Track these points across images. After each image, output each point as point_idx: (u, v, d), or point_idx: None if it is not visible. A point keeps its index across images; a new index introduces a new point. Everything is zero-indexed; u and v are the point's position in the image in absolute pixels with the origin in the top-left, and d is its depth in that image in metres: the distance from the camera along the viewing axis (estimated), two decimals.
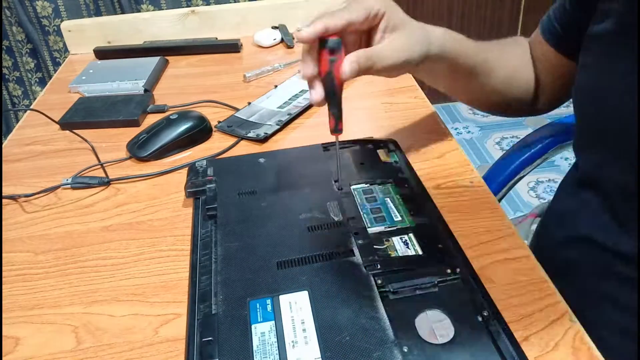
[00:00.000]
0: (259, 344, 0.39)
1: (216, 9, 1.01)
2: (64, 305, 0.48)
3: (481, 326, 0.40)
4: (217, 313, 0.42)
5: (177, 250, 0.53)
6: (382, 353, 0.38)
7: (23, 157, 0.70)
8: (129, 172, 0.65)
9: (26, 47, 1.41)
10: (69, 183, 0.63)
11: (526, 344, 0.40)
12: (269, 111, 0.75)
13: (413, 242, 0.48)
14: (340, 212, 0.52)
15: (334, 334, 0.39)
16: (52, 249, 0.54)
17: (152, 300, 0.47)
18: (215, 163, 0.62)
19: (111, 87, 0.85)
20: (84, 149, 0.71)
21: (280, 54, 0.96)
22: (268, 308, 0.42)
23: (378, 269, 0.45)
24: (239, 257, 0.47)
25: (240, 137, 0.70)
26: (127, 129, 0.74)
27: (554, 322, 0.42)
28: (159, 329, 0.45)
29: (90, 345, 0.44)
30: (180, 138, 0.68)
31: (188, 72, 0.92)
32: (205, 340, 0.40)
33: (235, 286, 0.44)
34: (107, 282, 0.50)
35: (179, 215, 0.58)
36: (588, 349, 0.40)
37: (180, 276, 0.50)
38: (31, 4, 1.30)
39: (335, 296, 0.43)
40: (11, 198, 0.62)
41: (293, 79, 0.84)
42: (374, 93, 0.55)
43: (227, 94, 0.82)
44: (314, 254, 0.47)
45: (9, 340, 0.45)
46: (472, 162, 0.61)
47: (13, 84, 1.48)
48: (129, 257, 0.52)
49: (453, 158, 0.63)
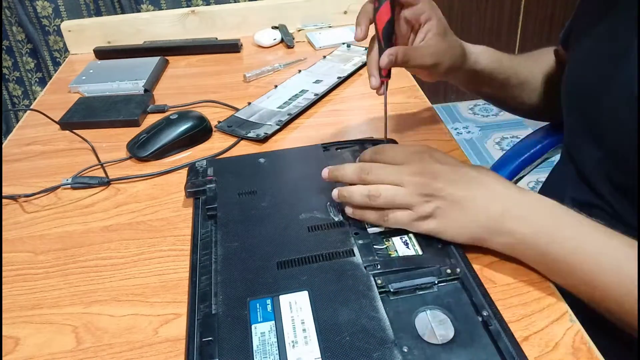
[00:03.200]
0: (259, 344, 0.39)
1: (216, 9, 1.01)
2: (64, 305, 0.48)
3: (481, 326, 0.40)
4: (217, 313, 0.42)
5: (177, 250, 0.53)
6: (382, 353, 0.38)
7: (23, 157, 0.70)
8: (129, 172, 0.65)
9: (26, 47, 1.41)
10: (69, 183, 0.63)
11: (526, 344, 0.40)
12: (269, 111, 0.75)
13: (413, 242, 0.48)
14: (340, 212, 0.52)
15: (334, 334, 0.39)
16: (52, 249, 0.54)
17: (152, 300, 0.47)
18: (215, 163, 0.62)
19: (111, 87, 0.85)
20: (84, 149, 0.71)
21: (280, 54, 0.96)
22: (268, 308, 0.42)
23: (378, 269, 0.45)
24: (239, 257, 0.47)
25: (240, 137, 0.70)
26: (127, 129, 0.74)
27: (554, 322, 0.42)
28: (159, 329, 0.45)
29: (90, 345, 0.44)
30: (180, 138, 0.68)
31: (188, 72, 0.92)
32: (205, 340, 0.40)
33: (235, 286, 0.44)
34: (107, 282, 0.50)
35: (179, 215, 0.58)
36: (588, 349, 0.40)
37: (180, 276, 0.50)
38: (31, 4, 1.30)
39: (335, 296, 0.43)
40: (11, 198, 0.62)
41: (293, 79, 0.84)
42: (374, 93, 0.55)
43: (227, 94, 0.82)
44: (314, 254, 0.47)
45: (9, 340, 0.45)
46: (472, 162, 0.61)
47: (13, 84, 1.47)
48: (129, 257, 0.52)
49: None
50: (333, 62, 0.89)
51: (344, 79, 0.83)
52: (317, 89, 0.80)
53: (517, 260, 0.47)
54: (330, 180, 0.51)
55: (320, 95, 0.78)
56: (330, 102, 0.78)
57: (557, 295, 0.44)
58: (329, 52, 0.93)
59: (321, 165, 0.52)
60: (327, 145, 0.63)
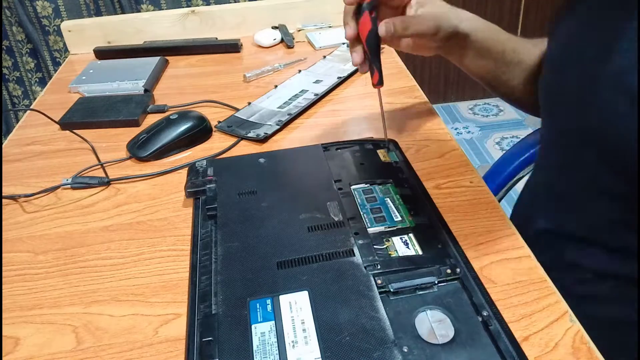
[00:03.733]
0: (259, 344, 0.39)
1: (216, 9, 1.01)
2: (64, 305, 0.48)
3: (481, 326, 0.40)
4: (217, 313, 0.42)
5: (177, 250, 0.53)
6: (382, 353, 0.38)
7: (23, 157, 0.70)
8: (129, 172, 0.65)
9: (26, 47, 1.41)
10: (69, 183, 0.63)
11: (526, 344, 0.40)
12: (269, 111, 0.75)
13: (413, 242, 0.48)
14: (340, 212, 0.52)
15: (334, 334, 0.39)
16: (52, 249, 0.54)
17: (152, 300, 0.47)
18: (215, 163, 0.62)
19: (111, 87, 0.85)
20: (84, 149, 0.71)
21: (280, 54, 0.96)
22: (268, 308, 0.42)
23: (378, 269, 0.45)
24: (239, 257, 0.47)
25: (240, 137, 0.70)
26: (127, 129, 0.74)
27: (554, 322, 0.42)
28: (159, 329, 0.45)
29: (90, 345, 0.44)
30: (180, 138, 0.68)
31: (188, 72, 0.92)
32: (205, 340, 0.40)
33: (235, 286, 0.44)
34: (107, 282, 0.50)
35: (179, 215, 0.58)
36: (588, 349, 0.40)
37: (180, 276, 0.50)
38: (31, 4, 1.30)
39: (335, 296, 0.43)
40: (11, 198, 0.62)
41: (293, 79, 0.84)
42: (374, 93, 0.55)
43: (227, 94, 0.82)
44: (314, 254, 0.47)
45: (9, 340, 0.45)
46: (472, 162, 0.61)
47: (13, 84, 1.48)
48: (129, 257, 0.52)
49: (453, 158, 0.63)
50: (333, 62, 0.89)
51: (344, 79, 0.83)
52: (317, 89, 0.80)
53: (517, 260, 0.47)
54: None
55: (320, 95, 0.78)
56: (330, 102, 0.78)
57: (557, 295, 0.44)
58: (329, 52, 0.93)
59: (321, 165, 0.52)
60: (327, 145, 0.63)
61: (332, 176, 0.57)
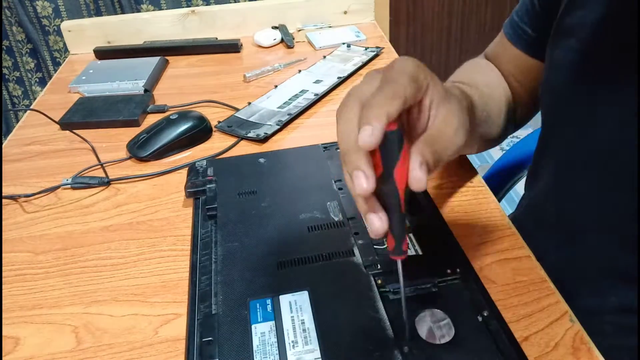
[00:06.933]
0: (259, 344, 0.39)
1: (216, 9, 1.01)
2: (64, 305, 0.48)
3: (481, 326, 0.40)
4: (217, 313, 0.42)
5: (177, 250, 0.53)
6: (382, 353, 0.38)
7: (23, 157, 0.70)
8: (129, 172, 0.65)
9: (26, 47, 1.41)
10: (69, 183, 0.63)
11: (526, 344, 0.40)
12: (269, 111, 0.75)
13: (413, 242, 0.48)
14: (340, 212, 0.52)
15: (334, 334, 0.39)
16: (52, 249, 0.54)
17: (152, 300, 0.47)
18: (215, 163, 0.62)
19: (111, 87, 0.85)
20: (84, 149, 0.71)
21: (280, 54, 0.96)
22: (268, 308, 0.42)
23: (378, 269, 0.45)
24: (239, 257, 0.47)
25: (240, 137, 0.70)
26: (127, 129, 0.74)
27: (554, 322, 0.42)
28: (159, 329, 0.45)
29: (90, 345, 0.44)
30: (180, 138, 0.68)
31: (188, 72, 0.92)
32: (205, 340, 0.40)
33: (235, 286, 0.44)
34: (107, 282, 0.50)
35: (179, 215, 0.58)
36: (588, 349, 0.40)
37: (180, 276, 0.50)
38: (31, 4, 1.30)
39: (335, 296, 0.43)
40: (11, 198, 0.62)
41: (293, 79, 0.84)
42: None
43: (227, 94, 0.82)
44: (314, 254, 0.47)
45: (9, 340, 0.45)
46: (472, 162, 0.61)
47: (13, 84, 1.47)
48: (129, 257, 0.52)
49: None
50: (333, 62, 0.89)
51: (344, 79, 0.83)
52: (317, 89, 0.80)
53: (517, 260, 0.47)
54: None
55: (320, 95, 0.78)
56: (330, 102, 0.78)
57: (557, 295, 0.44)
58: (329, 52, 0.93)
59: (321, 166, 0.52)
60: (327, 145, 0.63)
61: (332, 176, 0.57)
